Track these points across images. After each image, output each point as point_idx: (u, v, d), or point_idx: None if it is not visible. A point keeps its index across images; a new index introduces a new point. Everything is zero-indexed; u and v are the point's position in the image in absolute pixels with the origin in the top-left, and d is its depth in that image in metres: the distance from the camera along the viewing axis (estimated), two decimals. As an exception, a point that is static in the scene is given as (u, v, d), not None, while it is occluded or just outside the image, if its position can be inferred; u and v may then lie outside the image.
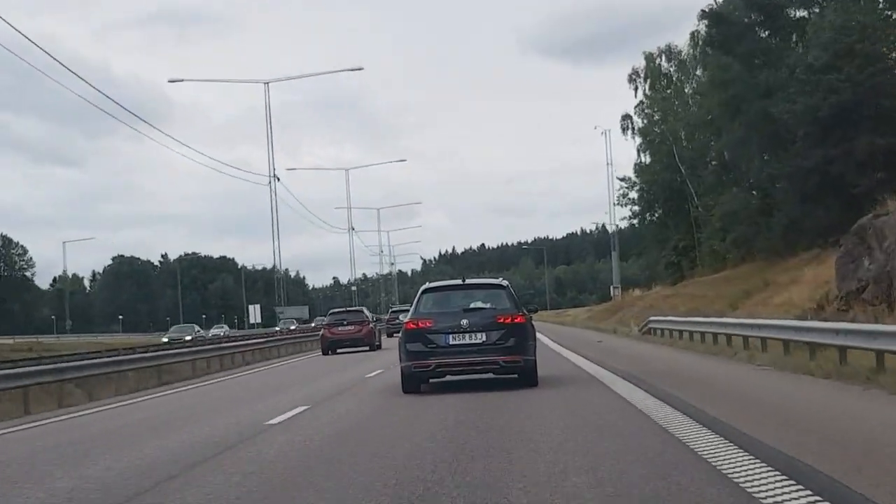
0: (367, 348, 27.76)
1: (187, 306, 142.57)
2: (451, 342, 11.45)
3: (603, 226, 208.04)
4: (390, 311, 49.47)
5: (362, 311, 31.13)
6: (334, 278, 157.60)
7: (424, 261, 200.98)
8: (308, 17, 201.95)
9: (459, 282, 12.93)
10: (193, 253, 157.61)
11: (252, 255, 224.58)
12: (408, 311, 14.11)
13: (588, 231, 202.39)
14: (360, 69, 47.07)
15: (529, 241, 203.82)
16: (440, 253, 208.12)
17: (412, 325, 11.67)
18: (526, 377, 11.59)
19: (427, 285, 12.46)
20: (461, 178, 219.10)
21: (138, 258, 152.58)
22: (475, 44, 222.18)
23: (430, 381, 12.06)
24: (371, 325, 28.97)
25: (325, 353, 27.68)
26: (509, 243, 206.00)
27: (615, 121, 57.47)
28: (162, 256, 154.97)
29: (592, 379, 12.59)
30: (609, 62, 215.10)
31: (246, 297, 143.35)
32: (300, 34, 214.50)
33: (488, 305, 11.83)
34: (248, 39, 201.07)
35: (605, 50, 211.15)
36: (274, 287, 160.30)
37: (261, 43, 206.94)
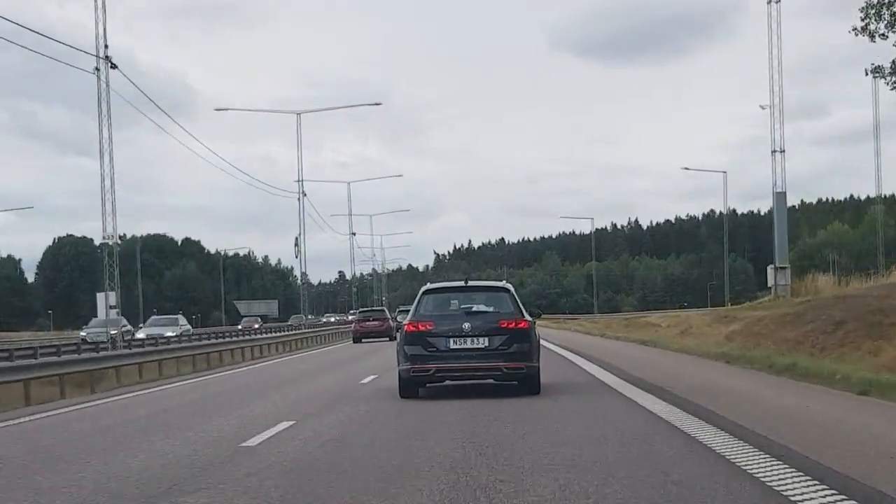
0: (388, 339, 39.32)
1: (136, 297, 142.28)
2: (451, 346, 13.40)
3: (636, 221, 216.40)
4: (398, 310, 55.37)
5: (384, 311, 48.27)
6: (340, 272, 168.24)
7: (437, 255, 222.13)
8: (333, 11, 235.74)
9: (461, 283, 14.99)
10: (157, 234, 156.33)
11: (266, 250, 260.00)
12: None
13: (620, 226, 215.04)
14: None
15: (554, 237, 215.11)
16: (455, 247, 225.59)
17: (412, 328, 13.61)
18: (528, 385, 13.57)
19: (428, 286, 14.51)
20: (483, 177, 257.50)
21: (89, 237, 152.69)
22: (504, 41, 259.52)
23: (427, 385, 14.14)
24: (389, 321, 43.05)
25: (355, 342, 42.40)
26: (531, 238, 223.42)
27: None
28: (121, 238, 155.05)
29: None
30: (639, 62, 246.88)
31: (214, 287, 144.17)
32: (325, 28, 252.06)
33: (491, 309, 13.82)
34: (273, 32, 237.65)
35: (636, 49, 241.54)
36: (248, 278, 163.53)
37: (285, 36, 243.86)
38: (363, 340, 41.78)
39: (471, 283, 15.30)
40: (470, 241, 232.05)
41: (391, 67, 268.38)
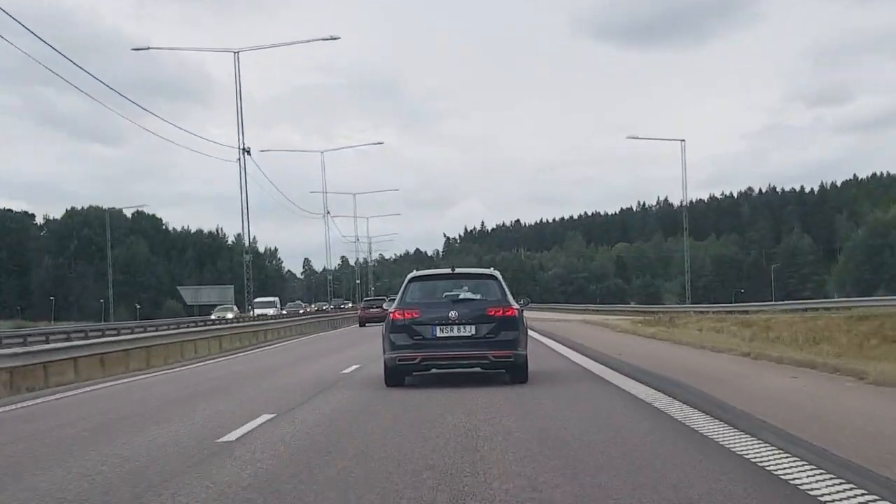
0: None
1: (71, 282, 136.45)
2: (438, 334, 16.07)
3: (666, 200, 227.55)
4: (387, 299, 64.39)
5: (384, 300, 64.51)
6: (343, 258, 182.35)
7: (448, 239, 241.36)
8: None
9: (448, 271, 17.81)
10: (99, 206, 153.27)
11: (275, 238, 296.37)
12: None
13: (648, 206, 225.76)
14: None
15: (575, 218, 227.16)
16: (466, 230, 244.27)
17: (398, 316, 16.30)
18: (516, 373, 16.30)
19: (414, 273, 17.26)
20: (499, 165, 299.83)
21: (30, 213, 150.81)
22: (525, 24, 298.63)
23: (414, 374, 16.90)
24: None
25: (361, 325, 60.91)
26: (549, 219, 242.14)
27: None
28: (68, 210, 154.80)
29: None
30: (660, 47, 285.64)
31: (174, 270, 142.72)
32: (339, 15, 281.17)
33: (478, 296, 16.54)
34: (288, 17, 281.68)
35: (656, 34, 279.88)
36: (212, 259, 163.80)
37: (299, 21, 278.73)
38: (367, 324, 58.95)
39: (458, 270, 18.04)
40: (483, 222, 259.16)
41: (406, 55, 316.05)
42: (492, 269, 18.02)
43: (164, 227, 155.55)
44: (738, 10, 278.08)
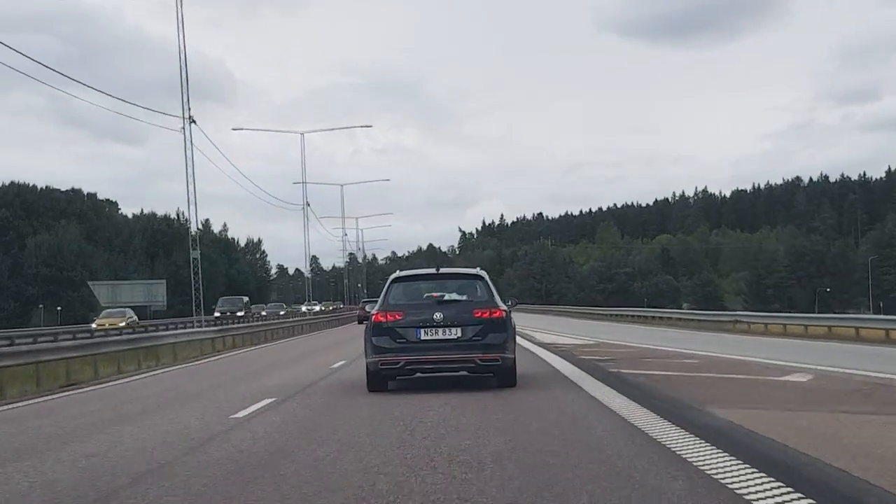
0: None
1: None
2: (422, 337, 18.31)
3: (705, 190, 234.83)
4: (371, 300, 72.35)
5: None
6: (351, 254, 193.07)
7: (463, 234, 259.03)
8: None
9: (433, 271, 20.25)
10: (23, 183, 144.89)
11: (281, 236, 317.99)
12: None
13: (687, 196, 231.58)
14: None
15: (604, 209, 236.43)
16: (483, 223, 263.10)
17: (380, 318, 18.59)
18: (503, 377, 18.68)
19: (397, 274, 19.75)
20: (521, 164, 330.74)
21: None
22: (548, 20, 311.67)
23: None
24: None
25: (359, 322, 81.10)
26: (575, 212, 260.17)
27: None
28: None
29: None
30: (686, 45, 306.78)
31: (115, 263, 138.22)
32: (362, 14, 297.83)
33: (464, 297, 18.92)
34: (313, 18, 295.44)
35: (684, 31, 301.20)
36: (167, 251, 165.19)
37: (323, 22, 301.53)
38: (363, 322, 67.79)
39: (443, 270, 20.31)
40: (502, 215, 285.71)
41: (428, 55, 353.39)
42: (478, 268, 20.18)
43: (117, 210, 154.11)
44: (766, 8, 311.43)
